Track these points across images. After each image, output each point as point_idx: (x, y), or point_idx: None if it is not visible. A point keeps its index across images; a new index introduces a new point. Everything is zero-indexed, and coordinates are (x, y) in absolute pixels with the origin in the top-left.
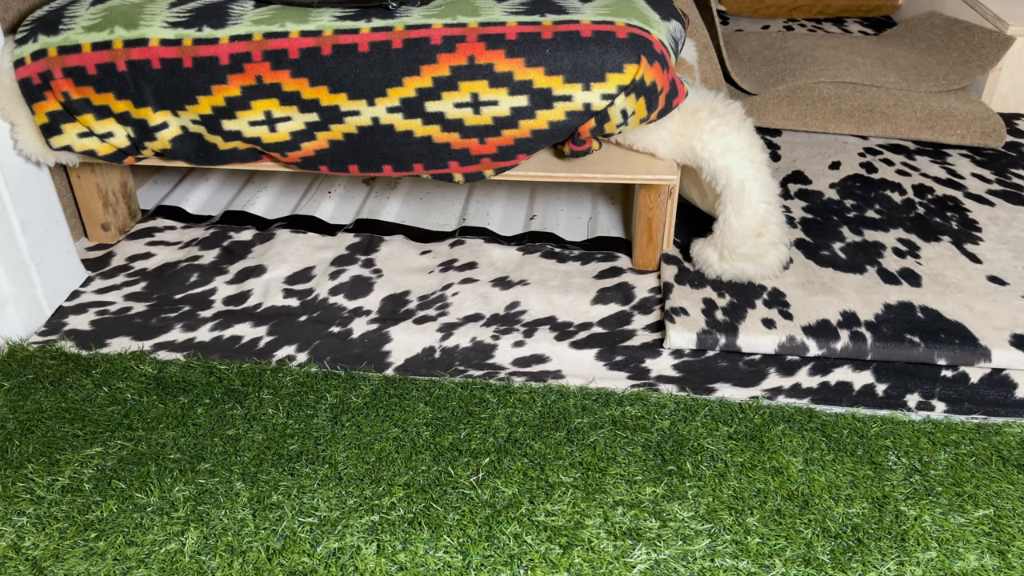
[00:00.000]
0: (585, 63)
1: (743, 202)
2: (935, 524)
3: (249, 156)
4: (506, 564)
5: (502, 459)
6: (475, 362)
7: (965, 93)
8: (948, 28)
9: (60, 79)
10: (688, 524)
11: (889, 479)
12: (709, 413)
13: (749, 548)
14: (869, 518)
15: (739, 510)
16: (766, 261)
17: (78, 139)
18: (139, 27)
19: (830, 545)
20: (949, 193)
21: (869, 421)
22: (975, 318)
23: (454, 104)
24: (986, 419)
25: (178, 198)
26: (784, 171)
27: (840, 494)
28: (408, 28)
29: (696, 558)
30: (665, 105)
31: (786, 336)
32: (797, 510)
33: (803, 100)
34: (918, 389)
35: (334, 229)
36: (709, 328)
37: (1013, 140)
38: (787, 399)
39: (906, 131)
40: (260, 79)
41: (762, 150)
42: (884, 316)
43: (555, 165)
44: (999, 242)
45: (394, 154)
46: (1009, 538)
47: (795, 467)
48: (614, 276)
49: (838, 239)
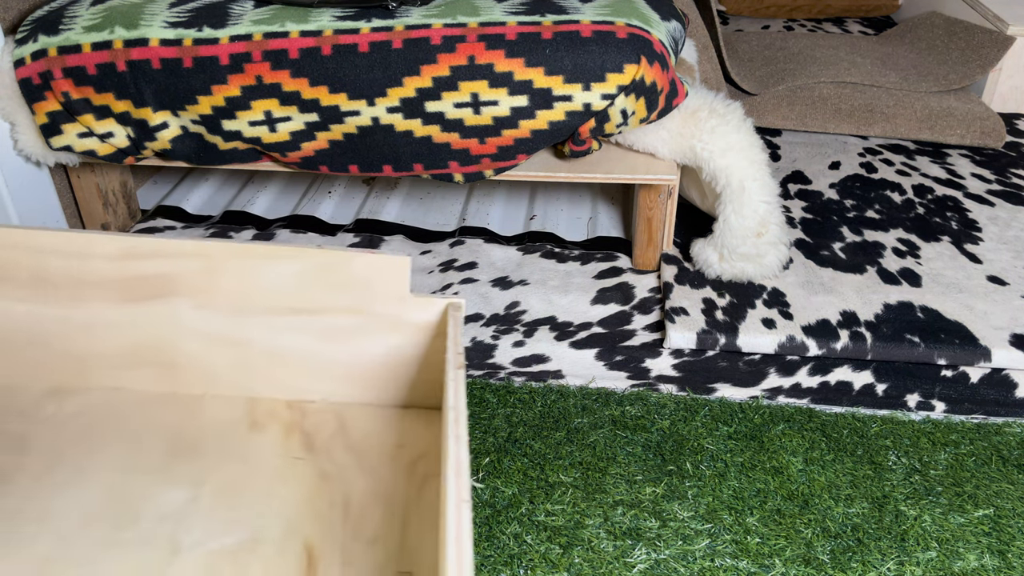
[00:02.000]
0: (585, 63)
1: (743, 202)
2: (935, 524)
3: (249, 156)
4: (506, 564)
5: (502, 459)
6: (475, 362)
7: (965, 93)
8: (948, 28)
9: (60, 79)
10: (688, 524)
11: (889, 479)
12: (709, 413)
13: (749, 548)
14: (869, 518)
15: (739, 510)
16: (766, 261)
17: (78, 139)
18: (139, 27)
19: (830, 545)
20: (949, 193)
21: (869, 421)
22: (975, 318)
23: (454, 104)
24: (986, 419)
25: (178, 198)
26: (784, 171)
27: (840, 494)
28: (408, 28)
29: (696, 558)
30: (665, 105)
31: (786, 336)
32: (797, 510)
33: (803, 100)
34: (918, 389)
35: (334, 229)
36: (709, 328)
37: (1013, 140)
38: (787, 399)
39: (906, 131)
40: (260, 79)
41: (762, 150)
42: (884, 316)
43: (555, 165)
44: (999, 242)
45: (394, 154)
46: (1009, 538)
47: (795, 467)
48: (614, 276)
49: (838, 239)
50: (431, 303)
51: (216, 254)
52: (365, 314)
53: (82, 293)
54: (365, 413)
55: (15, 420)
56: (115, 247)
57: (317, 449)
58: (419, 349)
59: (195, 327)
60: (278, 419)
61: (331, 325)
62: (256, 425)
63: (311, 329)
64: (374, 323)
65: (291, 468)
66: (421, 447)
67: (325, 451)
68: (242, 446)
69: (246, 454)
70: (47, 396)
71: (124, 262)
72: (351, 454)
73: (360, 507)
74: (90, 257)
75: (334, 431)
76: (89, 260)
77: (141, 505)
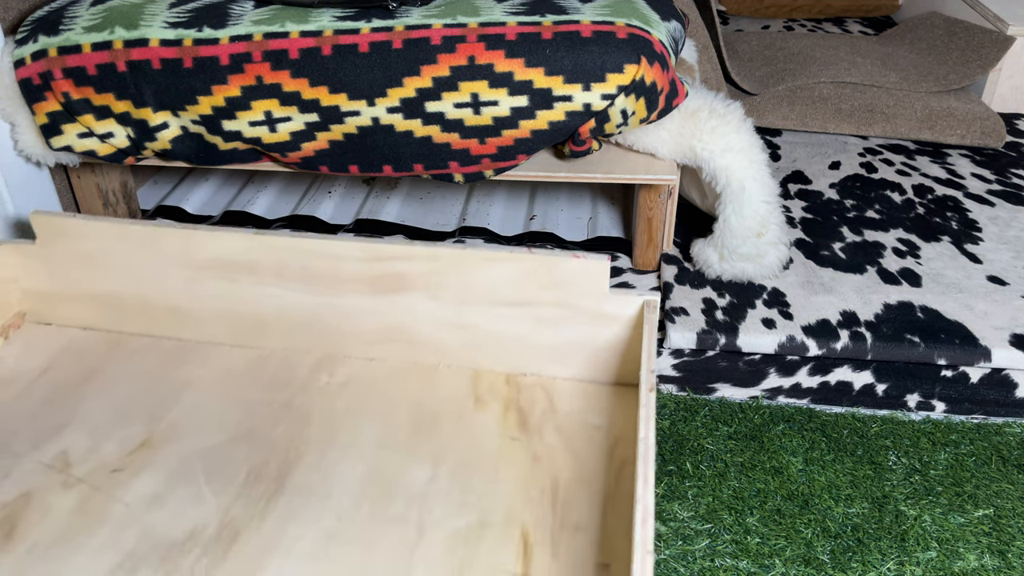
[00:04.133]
0: (585, 63)
1: (743, 202)
2: (935, 524)
3: (249, 156)
4: None
5: None
6: None
7: (965, 93)
8: (948, 28)
9: (60, 79)
10: (688, 524)
11: (889, 479)
12: (709, 413)
13: (749, 548)
14: (869, 518)
15: (739, 510)
16: (766, 261)
17: (78, 139)
18: (139, 27)
19: (830, 545)
20: (949, 193)
21: (869, 421)
22: (975, 318)
23: (454, 104)
24: (986, 419)
25: (178, 198)
26: (784, 171)
27: (840, 494)
28: (408, 28)
29: (696, 558)
30: (665, 105)
31: (786, 336)
32: (797, 510)
33: (803, 100)
34: (918, 389)
35: (334, 229)
36: (709, 328)
37: (1013, 140)
38: (787, 399)
39: (906, 131)
40: (260, 79)
41: (762, 150)
42: (884, 316)
43: (555, 165)
44: (999, 242)
45: (394, 154)
46: (1009, 538)
47: (795, 467)
48: (614, 276)
49: (838, 239)
50: (629, 300)
51: (443, 257)
52: (570, 307)
53: (340, 287)
54: (571, 388)
55: (299, 392)
56: (363, 252)
57: (530, 430)
58: (619, 336)
59: (428, 314)
60: (497, 394)
61: (541, 315)
62: (480, 401)
63: (524, 318)
64: (578, 314)
65: (509, 449)
66: (620, 427)
67: (537, 432)
68: (469, 422)
69: (472, 430)
70: (319, 365)
71: (371, 263)
72: (559, 436)
73: (566, 493)
74: (345, 260)
75: (544, 409)
76: (344, 262)
77: (394, 483)
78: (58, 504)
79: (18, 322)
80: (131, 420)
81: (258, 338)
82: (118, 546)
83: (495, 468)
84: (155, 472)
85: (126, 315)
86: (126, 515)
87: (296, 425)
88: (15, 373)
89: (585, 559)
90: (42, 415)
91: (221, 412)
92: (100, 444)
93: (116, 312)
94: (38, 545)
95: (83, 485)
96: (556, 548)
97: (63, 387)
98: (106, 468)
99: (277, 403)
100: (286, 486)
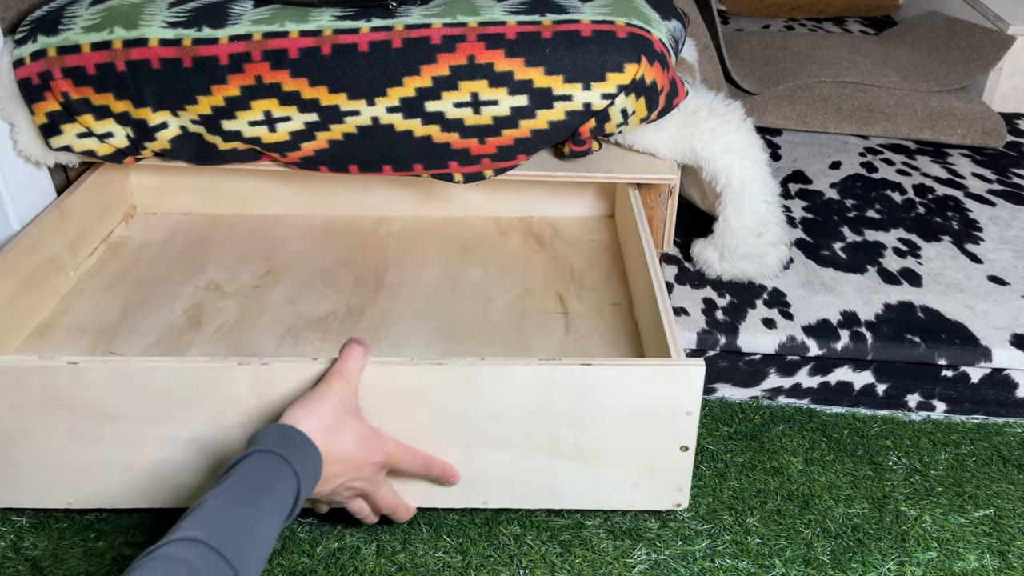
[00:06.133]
0: (585, 63)
1: (743, 202)
2: (935, 524)
3: (249, 156)
4: (506, 564)
5: None
6: None
7: (966, 93)
8: (949, 28)
9: (59, 79)
10: (688, 524)
11: (889, 479)
12: (709, 413)
13: (749, 548)
14: (869, 518)
15: (739, 510)
16: (766, 261)
17: (78, 139)
18: (138, 27)
19: (830, 545)
20: (950, 193)
21: (869, 421)
22: (975, 318)
23: (454, 104)
24: (986, 419)
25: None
26: (784, 171)
27: (840, 494)
28: (408, 28)
29: (696, 558)
30: (665, 105)
31: (786, 336)
32: (797, 510)
33: (803, 100)
34: (918, 389)
35: None
36: (709, 328)
37: (1014, 140)
38: (787, 399)
39: (907, 131)
40: (260, 79)
41: (762, 150)
42: (884, 316)
43: (555, 165)
44: (1000, 242)
45: (394, 154)
46: (1009, 538)
47: (795, 467)
48: None
49: (838, 239)
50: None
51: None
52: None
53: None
54: (569, 222)
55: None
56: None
57: (545, 244)
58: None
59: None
60: (515, 228)
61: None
62: (504, 234)
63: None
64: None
65: (533, 256)
66: (608, 238)
67: (551, 245)
68: (501, 245)
69: (504, 249)
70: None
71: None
72: (567, 246)
73: (580, 272)
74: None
75: (552, 233)
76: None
77: (460, 279)
78: (224, 306)
79: (132, 212)
80: (252, 261)
81: (327, 208)
82: (281, 323)
83: (527, 265)
84: (286, 286)
85: (220, 201)
86: (276, 308)
87: (376, 255)
88: (144, 243)
89: (601, 302)
90: (181, 264)
91: (318, 251)
92: (236, 275)
93: (211, 198)
94: (222, 327)
95: (236, 296)
96: (581, 298)
97: (189, 247)
98: (248, 286)
99: (356, 245)
100: (384, 285)
